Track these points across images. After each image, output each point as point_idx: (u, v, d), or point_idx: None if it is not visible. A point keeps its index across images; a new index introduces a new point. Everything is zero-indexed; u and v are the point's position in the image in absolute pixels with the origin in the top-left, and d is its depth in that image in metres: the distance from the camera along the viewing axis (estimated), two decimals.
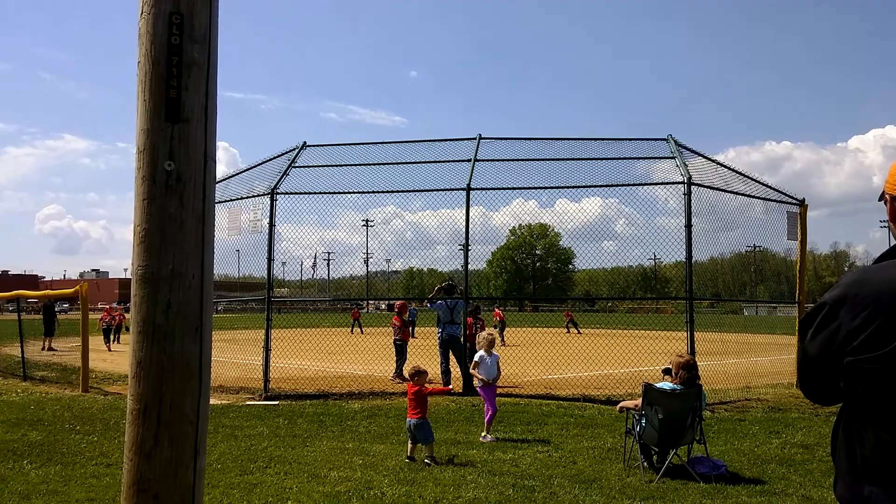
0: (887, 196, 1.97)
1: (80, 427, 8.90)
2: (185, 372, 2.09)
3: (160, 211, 2.09)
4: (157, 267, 2.10)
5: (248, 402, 11.14)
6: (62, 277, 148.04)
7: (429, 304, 13.52)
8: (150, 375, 2.05)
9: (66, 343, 23.67)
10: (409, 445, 7.26)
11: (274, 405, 10.85)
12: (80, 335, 13.62)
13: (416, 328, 29.54)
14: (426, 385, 7.56)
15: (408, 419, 7.30)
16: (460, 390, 12.00)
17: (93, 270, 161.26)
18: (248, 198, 13.19)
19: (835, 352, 1.81)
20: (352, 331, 33.22)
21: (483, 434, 8.28)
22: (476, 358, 8.77)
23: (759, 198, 13.22)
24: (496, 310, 30.76)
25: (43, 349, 22.09)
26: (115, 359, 19.20)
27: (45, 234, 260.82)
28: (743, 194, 12.89)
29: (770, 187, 13.59)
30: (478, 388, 8.76)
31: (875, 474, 1.74)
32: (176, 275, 2.11)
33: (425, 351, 15.82)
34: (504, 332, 26.51)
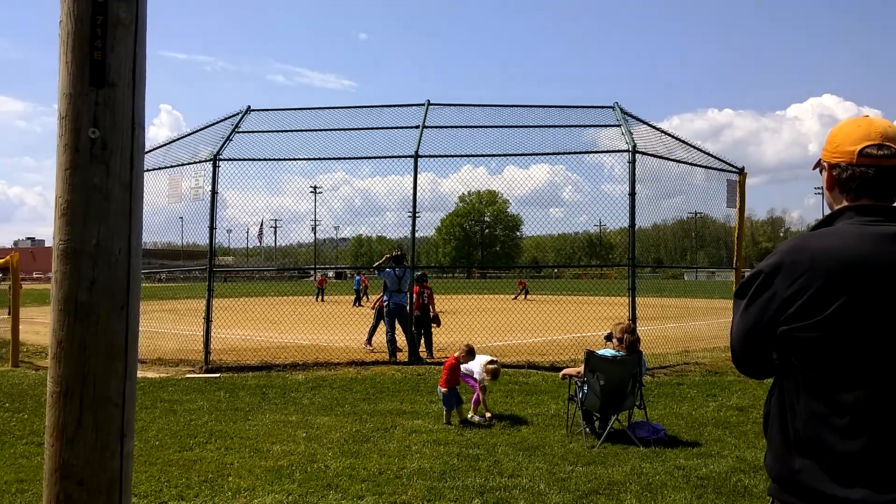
0: (824, 164, 1.94)
1: (10, 404, 8.56)
2: (110, 352, 1.98)
3: (84, 181, 1.96)
4: (81, 241, 1.98)
5: (188, 375, 10.92)
6: None
7: (377, 273, 13.44)
8: (71, 356, 1.95)
9: None
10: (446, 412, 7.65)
11: (215, 378, 10.66)
12: (10, 307, 13.11)
13: (359, 296, 29.88)
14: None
15: (440, 388, 7.77)
16: (406, 359, 12.03)
17: (28, 239, 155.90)
18: (189, 164, 12.81)
19: (769, 321, 1.79)
20: (317, 299, 32.80)
21: (471, 415, 7.97)
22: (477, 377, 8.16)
23: (700, 166, 13.47)
24: None
25: None
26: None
27: None
28: (685, 162, 13.14)
29: (711, 155, 13.86)
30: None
31: (806, 447, 1.74)
32: (101, 249, 1.99)
33: (370, 318, 15.73)
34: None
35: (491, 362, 8.02)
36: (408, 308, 12.54)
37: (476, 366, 8.04)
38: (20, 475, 5.65)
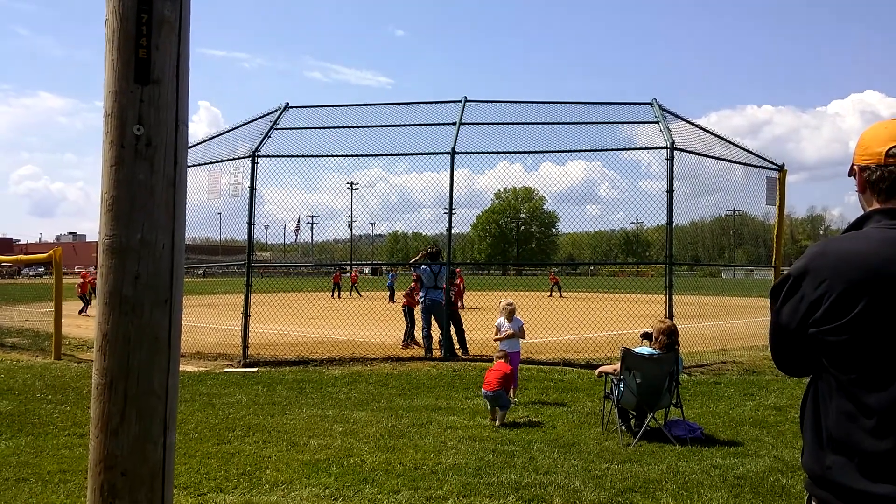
0: (855, 168, 1.96)
1: (52, 396, 8.78)
2: (154, 345, 2.02)
3: (129, 177, 2.00)
4: (126, 236, 2.02)
5: (227, 369, 11.09)
6: (38, 240, 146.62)
7: (412, 269, 13.49)
8: (116, 349, 1.98)
9: (39, 308, 23.42)
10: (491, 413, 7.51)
11: (253, 372, 10.80)
12: (53, 300, 13.45)
13: (393, 292, 29.95)
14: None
15: (484, 390, 7.54)
16: (441, 355, 12.06)
17: (70, 233, 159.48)
18: (228, 160, 12.98)
19: (799, 323, 1.83)
20: (332, 295, 33.33)
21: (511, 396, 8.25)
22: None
23: (739, 163, 13.26)
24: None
25: None
26: (90, 324, 19.01)
27: (20, 196, 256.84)
28: (724, 159, 12.93)
29: (750, 152, 13.62)
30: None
31: (837, 445, 1.77)
32: (145, 244, 2.03)
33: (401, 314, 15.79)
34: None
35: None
36: (444, 304, 12.56)
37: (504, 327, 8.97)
38: (62, 466, 5.79)
